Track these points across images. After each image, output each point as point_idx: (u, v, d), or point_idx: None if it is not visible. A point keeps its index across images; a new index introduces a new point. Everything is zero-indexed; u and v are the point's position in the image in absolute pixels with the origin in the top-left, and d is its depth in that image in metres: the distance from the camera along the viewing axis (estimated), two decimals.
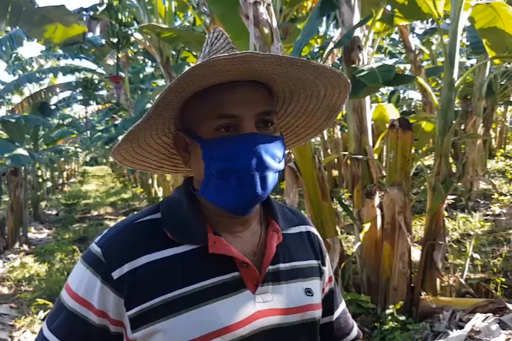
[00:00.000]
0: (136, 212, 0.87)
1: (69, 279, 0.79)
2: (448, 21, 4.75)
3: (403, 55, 10.02)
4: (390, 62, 10.50)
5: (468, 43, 7.85)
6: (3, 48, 6.72)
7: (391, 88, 8.95)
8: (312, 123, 0.90)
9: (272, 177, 0.74)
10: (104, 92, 11.76)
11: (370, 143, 3.61)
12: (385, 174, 3.52)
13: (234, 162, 0.72)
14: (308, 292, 0.84)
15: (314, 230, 0.96)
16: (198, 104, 0.76)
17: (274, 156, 0.74)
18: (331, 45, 5.91)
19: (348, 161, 3.93)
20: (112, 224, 8.50)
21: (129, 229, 0.79)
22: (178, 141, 0.81)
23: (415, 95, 9.65)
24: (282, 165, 0.77)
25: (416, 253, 3.75)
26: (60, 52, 9.52)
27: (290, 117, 0.90)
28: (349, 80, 0.78)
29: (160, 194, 10.13)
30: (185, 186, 0.84)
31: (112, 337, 0.76)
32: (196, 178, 0.81)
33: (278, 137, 0.78)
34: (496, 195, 6.19)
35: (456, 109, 4.76)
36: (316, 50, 7.63)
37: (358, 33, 3.45)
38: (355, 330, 1.01)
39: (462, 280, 3.36)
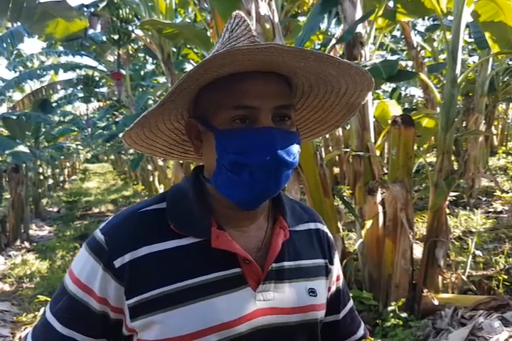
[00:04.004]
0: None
1: (72, 264, 0.79)
2: (450, 18, 4.73)
3: (405, 52, 9.99)
4: (391, 58, 10.45)
5: (470, 40, 7.85)
6: (4, 45, 6.71)
7: (393, 85, 8.93)
8: (328, 119, 0.87)
9: (285, 174, 0.73)
10: (104, 89, 11.73)
11: (372, 139, 3.60)
12: (386, 171, 3.51)
13: (248, 156, 0.70)
14: (312, 292, 0.82)
15: (324, 227, 0.94)
16: (215, 92, 0.74)
17: (290, 152, 0.72)
18: (333, 41, 5.88)
19: (350, 158, 3.92)
20: None
21: (134, 217, 0.78)
22: (190, 128, 0.79)
23: (417, 92, 9.62)
24: (297, 161, 0.75)
25: (418, 250, 3.75)
26: (61, 49, 9.51)
27: (306, 111, 0.87)
28: (373, 79, 0.75)
29: (161, 191, 10.12)
30: (195, 175, 0.82)
31: (112, 323, 0.76)
32: (207, 168, 0.79)
33: (294, 133, 0.76)
34: (497, 192, 6.17)
35: (458, 106, 4.74)
36: (318, 46, 7.60)
37: (360, 29, 3.43)
38: (362, 329, 0.99)
39: (464, 278, 3.35)
